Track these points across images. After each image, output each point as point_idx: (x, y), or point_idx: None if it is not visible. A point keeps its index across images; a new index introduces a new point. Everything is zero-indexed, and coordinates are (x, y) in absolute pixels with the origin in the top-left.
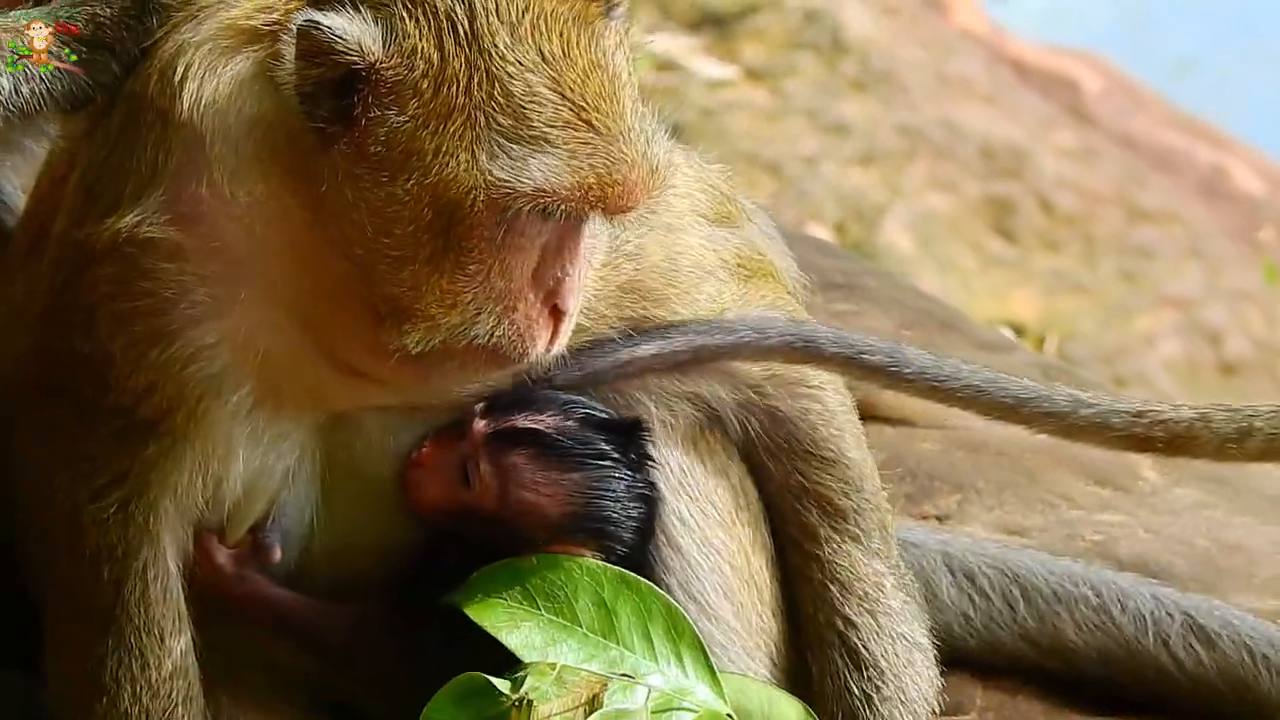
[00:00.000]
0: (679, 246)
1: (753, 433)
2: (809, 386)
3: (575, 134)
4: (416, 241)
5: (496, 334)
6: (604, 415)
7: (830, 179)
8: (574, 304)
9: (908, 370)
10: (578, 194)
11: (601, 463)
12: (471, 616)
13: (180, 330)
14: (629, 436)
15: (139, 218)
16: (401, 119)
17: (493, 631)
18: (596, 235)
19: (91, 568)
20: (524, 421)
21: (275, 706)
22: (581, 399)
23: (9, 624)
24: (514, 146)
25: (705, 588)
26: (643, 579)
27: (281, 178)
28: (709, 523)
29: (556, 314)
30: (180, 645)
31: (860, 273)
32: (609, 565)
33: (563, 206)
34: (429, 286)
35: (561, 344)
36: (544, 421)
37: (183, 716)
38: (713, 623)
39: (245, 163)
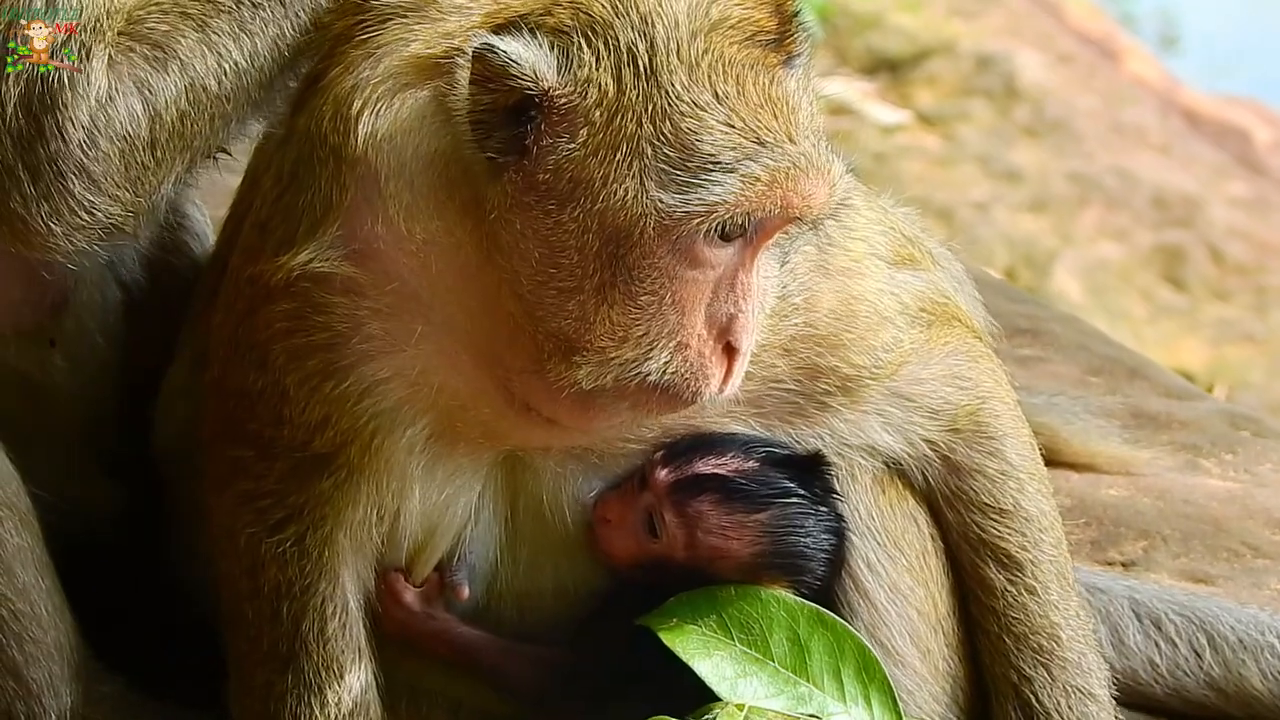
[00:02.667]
0: (855, 291)
1: (932, 483)
2: (989, 438)
3: (744, 152)
4: (584, 271)
5: (669, 371)
6: (784, 452)
7: (1001, 225)
8: (747, 342)
9: None
10: (750, 197)
11: (787, 500)
12: (665, 640)
13: (354, 365)
14: (811, 471)
15: (314, 254)
16: (572, 147)
17: (685, 658)
18: (769, 276)
19: (271, 605)
20: (705, 467)
21: None
22: (759, 437)
23: (203, 672)
24: (681, 173)
25: (893, 634)
26: (838, 618)
27: (456, 214)
28: (897, 568)
29: (730, 352)
30: (360, 681)
31: (1045, 318)
32: (806, 602)
33: (733, 215)
34: (598, 318)
35: (734, 384)
36: (725, 465)
37: None
38: (900, 669)
39: (420, 199)
